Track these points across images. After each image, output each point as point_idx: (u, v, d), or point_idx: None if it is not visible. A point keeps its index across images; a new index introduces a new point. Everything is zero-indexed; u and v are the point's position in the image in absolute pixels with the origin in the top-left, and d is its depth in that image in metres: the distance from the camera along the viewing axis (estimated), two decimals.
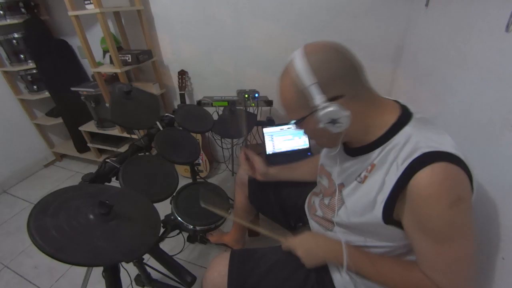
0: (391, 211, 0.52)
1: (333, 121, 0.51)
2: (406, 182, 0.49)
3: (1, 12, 1.70)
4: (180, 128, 1.16)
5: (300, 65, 0.51)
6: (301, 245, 0.68)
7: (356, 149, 0.61)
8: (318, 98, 0.50)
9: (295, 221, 0.94)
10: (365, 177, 0.57)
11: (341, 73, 0.51)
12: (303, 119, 0.55)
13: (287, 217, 0.97)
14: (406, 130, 0.53)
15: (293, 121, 0.58)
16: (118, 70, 1.59)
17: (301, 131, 0.62)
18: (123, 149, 1.97)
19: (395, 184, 0.50)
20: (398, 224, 0.54)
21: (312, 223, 0.80)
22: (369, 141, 0.57)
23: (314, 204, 0.79)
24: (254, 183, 1.01)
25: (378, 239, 0.60)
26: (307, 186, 0.92)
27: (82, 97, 1.85)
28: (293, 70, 0.52)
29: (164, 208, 0.94)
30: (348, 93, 0.51)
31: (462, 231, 0.49)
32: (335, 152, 0.65)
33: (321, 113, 0.51)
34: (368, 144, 0.57)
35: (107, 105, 1.76)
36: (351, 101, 0.51)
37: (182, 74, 1.76)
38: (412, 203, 0.49)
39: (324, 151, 0.79)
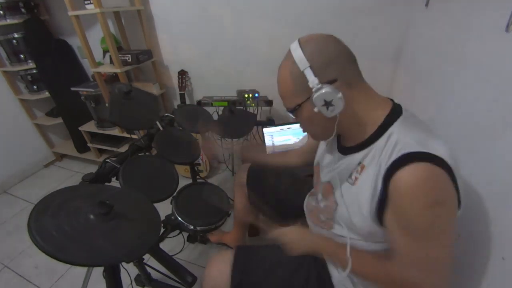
0: (382, 212, 0.53)
1: (327, 104, 0.53)
2: (388, 182, 0.50)
3: (1, 12, 1.70)
4: (180, 128, 1.16)
5: (295, 54, 0.55)
6: (286, 233, 0.70)
7: (348, 148, 0.62)
8: (312, 81, 0.53)
9: (294, 221, 0.94)
10: (356, 178, 0.58)
11: (333, 58, 0.53)
12: (299, 106, 0.57)
13: (286, 217, 0.96)
14: (393, 129, 0.54)
15: (290, 110, 0.61)
16: (118, 70, 1.59)
17: (300, 131, 0.63)
18: (123, 149, 1.97)
19: (382, 186, 0.51)
20: None
21: (310, 224, 0.80)
22: (361, 140, 0.58)
23: (311, 206, 0.80)
24: (253, 183, 1.01)
25: (375, 239, 0.60)
26: (306, 185, 0.92)
27: (82, 97, 1.85)
28: (289, 59, 0.56)
29: (164, 208, 0.94)
30: (341, 78, 0.53)
31: (438, 233, 0.49)
32: (331, 138, 0.65)
33: (315, 95, 0.52)
34: (359, 143, 0.58)
35: (107, 105, 1.76)
36: (344, 87, 0.53)
37: (182, 74, 1.76)
38: (392, 200, 0.50)
39: (321, 149, 0.79)
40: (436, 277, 0.51)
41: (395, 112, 0.56)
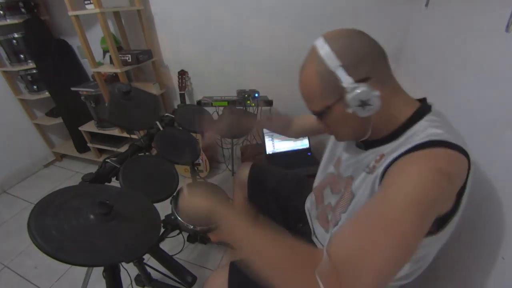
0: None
1: (363, 104, 0.49)
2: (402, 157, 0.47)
3: (1, 12, 1.70)
4: (180, 128, 1.16)
5: (323, 51, 0.50)
6: (187, 196, 0.62)
7: (369, 142, 0.59)
8: (346, 80, 0.49)
9: (295, 221, 0.94)
10: (373, 167, 0.55)
11: (365, 55, 0.50)
12: (329, 108, 0.53)
13: (286, 217, 0.97)
14: (422, 123, 0.52)
15: (317, 113, 0.56)
16: (118, 70, 1.59)
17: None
18: (123, 149, 1.97)
19: (392, 159, 0.49)
20: None
21: (315, 223, 0.79)
22: (386, 134, 0.56)
23: (328, 204, 0.74)
24: (253, 183, 1.01)
25: None
26: (307, 186, 0.92)
27: (82, 97, 1.85)
28: (315, 58, 0.52)
29: (164, 208, 0.94)
30: (374, 75, 0.50)
31: (420, 205, 0.40)
32: (364, 138, 0.61)
33: (350, 95, 0.49)
34: (382, 138, 0.56)
35: (107, 105, 1.76)
36: (378, 84, 0.50)
37: (182, 74, 1.76)
38: (395, 165, 0.47)
39: (332, 143, 0.77)
40: (370, 272, 0.37)
41: (425, 107, 0.55)
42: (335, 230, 0.59)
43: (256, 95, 1.55)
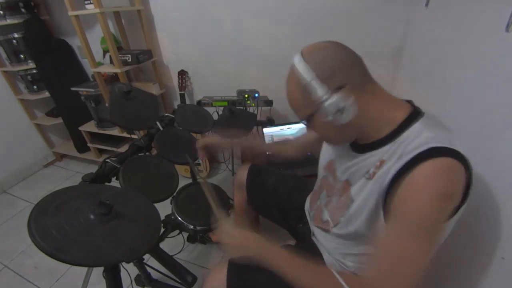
0: (386, 199, 0.52)
1: (340, 111, 0.53)
2: (408, 172, 0.48)
3: (1, 12, 1.70)
4: (180, 128, 1.16)
5: (299, 66, 0.54)
6: (233, 235, 0.64)
7: (364, 145, 0.60)
8: (320, 91, 0.52)
9: (295, 222, 0.94)
10: (374, 173, 0.56)
11: (338, 64, 0.53)
12: (312, 116, 0.57)
13: (286, 218, 0.96)
14: (417, 126, 0.53)
15: (303, 121, 0.60)
16: (118, 70, 1.59)
17: (300, 131, 0.62)
18: (123, 149, 1.97)
19: (396, 172, 0.50)
20: None
21: (311, 226, 0.80)
22: (378, 137, 0.57)
23: (320, 204, 0.77)
24: (252, 184, 1.01)
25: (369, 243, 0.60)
26: (306, 186, 0.92)
27: (82, 97, 1.85)
28: (294, 73, 0.55)
29: (164, 208, 0.94)
30: (349, 81, 0.52)
31: (430, 230, 0.48)
32: (350, 142, 0.64)
33: (326, 104, 0.52)
34: (377, 141, 0.57)
35: (107, 105, 1.76)
36: (355, 90, 0.52)
37: (182, 74, 1.76)
38: (403, 189, 0.49)
39: (327, 147, 0.77)
40: (397, 279, 0.48)
41: (417, 112, 0.56)
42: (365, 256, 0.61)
43: (256, 95, 1.55)
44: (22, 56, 1.85)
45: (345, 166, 0.66)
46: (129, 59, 1.65)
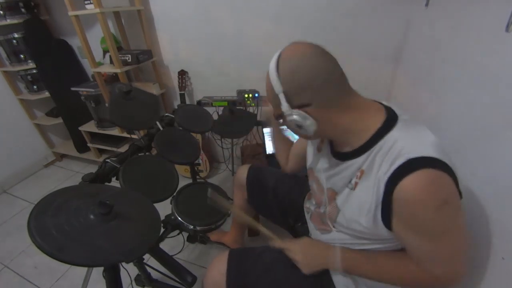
0: (389, 219, 0.53)
1: (299, 127, 0.56)
2: (393, 189, 0.49)
3: (1, 12, 1.70)
4: (180, 128, 1.16)
5: (272, 75, 0.55)
6: (300, 250, 0.70)
7: (344, 153, 0.61)
8: (284, 106, 0.55)
9: (294, 220, 0.94)
10: (356, 183, 0.58)
11: (309, 82, 0.52)
12: (281, 116, 0.59)
13: (286, 217, 0.97)
14: (393, 134, 0.53)
15: (276, 117, 0.62)
16: (118, 70, 1.59)
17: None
18: (123, 149, 1.97)
19: (384, 192, 0.51)
20: None
21: (310, 224, 0.80)
22: (356, 146, 0.57)
23: (310, 210, 0.80)
24: (252, 184, 1.02)
25: (379, 242, 0.60)
26: (305, 185, 0.92)
27: (82, 97, 1.85)
28: (268, 77, 0.56)
29: (164, 208, 0.94)
30: (316, 101, 0.53)
31: (452, 227, 0.51)
32: (315, 142, 0.67)
33: (287, 118, 0.56)
34: (356, 149, 0.57)
35: (107, 105, 1.76)
36: (320, 109, 0.54)
37: (182, 74, 1.76)
38: (399, 208, 0.50)
39: (312, 155, 0.77)
40: (458, 264, 0.53)
41: (391, 117, 0.55)
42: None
43: (256, 95, 1.55)
44: (22, 56, 1.85)
45: (327, 174, 0.67)
46: (129, 59, 1.65)
